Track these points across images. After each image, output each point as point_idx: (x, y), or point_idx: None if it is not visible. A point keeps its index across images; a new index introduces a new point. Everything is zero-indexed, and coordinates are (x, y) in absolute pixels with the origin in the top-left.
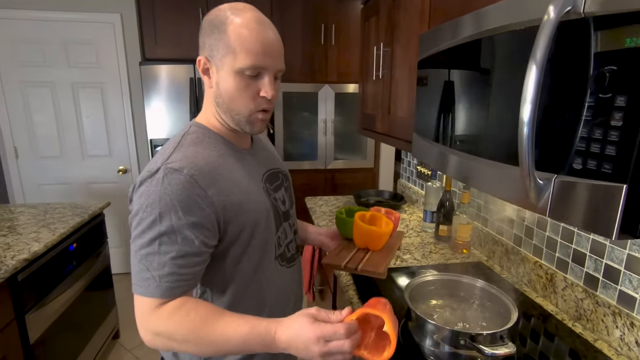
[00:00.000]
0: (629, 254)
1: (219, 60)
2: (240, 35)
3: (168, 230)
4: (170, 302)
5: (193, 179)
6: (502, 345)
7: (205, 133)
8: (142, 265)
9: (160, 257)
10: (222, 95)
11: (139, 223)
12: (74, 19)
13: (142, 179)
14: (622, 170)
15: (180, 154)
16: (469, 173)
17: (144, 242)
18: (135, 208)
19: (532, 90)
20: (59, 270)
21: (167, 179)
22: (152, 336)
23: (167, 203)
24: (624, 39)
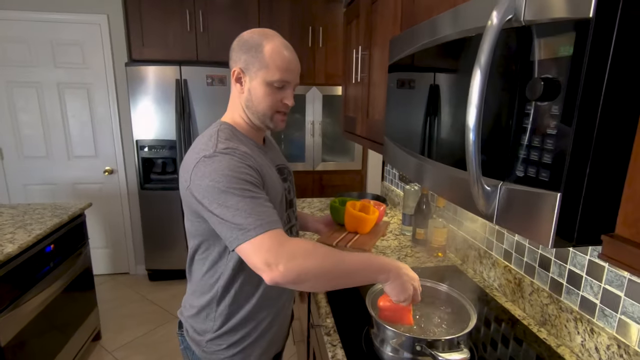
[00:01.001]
0: (590, 260)
1: (253, 73)
2: (273, 55)
3: (249, 185)
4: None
5: (243, 156)
6: (457, 351)
7: (233, 131)
8: (248, 214)
9: (260, 202)
10: (253, 99)
11: (222, 192)
12: (60, 20)
13: (200, 164)
14: (556, 178)
15: (223, 144)
16: (428, 177)
17: (238, 199)
18: (207, 186)
19: (476, 95)
20: (34, 272)
21: (226, 157)
22: (287, 262)
23: (237, 167)
24: (558, 47)
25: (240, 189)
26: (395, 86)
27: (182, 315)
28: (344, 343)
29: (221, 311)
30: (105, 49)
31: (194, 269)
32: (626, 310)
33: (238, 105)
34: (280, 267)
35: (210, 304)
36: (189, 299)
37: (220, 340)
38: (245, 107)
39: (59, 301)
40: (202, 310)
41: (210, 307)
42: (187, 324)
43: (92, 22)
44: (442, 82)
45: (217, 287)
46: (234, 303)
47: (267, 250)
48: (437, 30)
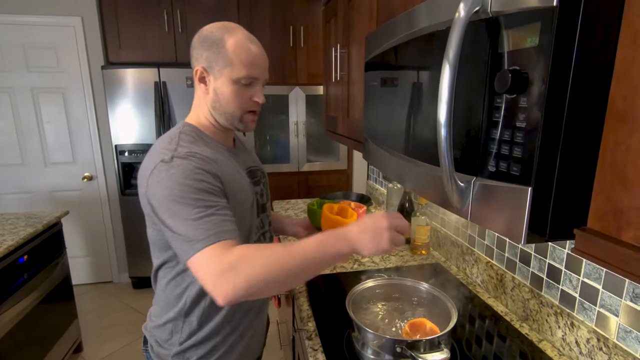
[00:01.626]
0: (568, 254)
1: (217, 71)
2: (237, 50)
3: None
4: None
5: (203, 161)
6: (437, 351)
7: (198, 133)
8: (197, 225)
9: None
10: (220, 100)
11: (175, 201)
12: (32, 23)
13: (157, 170)
14: (527, 173)
15: (184, 148)
16: (406, 175)
17: (189, 209)
18: (162, 194)
19: (446, 90)
20: (7, 284)
21: (184, 162)
22: (234, 278)
23: (194, 175)
24: (526, 38)
25: (193, 198)
26: (373, 84)
27: (147, 329)
28: (324, 347)
29: (189, 323)
30: (81, 51)
31: (159, 278)
32: (604, 303)
33: (204, 106)
34: (228, 286)
35: (178, 316)
36: (154, 310)
37: (186, 355)
38: (212, 108)
39: (36, 313)
40: (168, 322)
41: (177, 320)
42: (151, 339)
43: (66, 25)
44: (417, 79)
45: (185, 299)
46: (202, 315)
47: (213, 269)
48: (411, 23)
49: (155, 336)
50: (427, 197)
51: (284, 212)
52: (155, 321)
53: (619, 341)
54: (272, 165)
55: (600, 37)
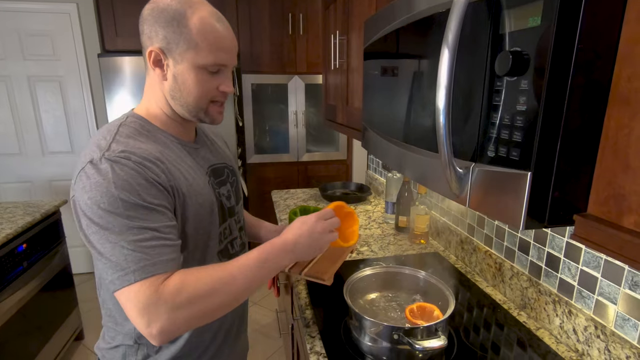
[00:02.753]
0: (568, 242)
1: (178, 55)
2: (203, 31)
3: (141, 211)
4: (172, 275)
5: (142, 165)
6: (434, 338)
7: (143, 125)
8: (129, 252)
9: (151, 235)
10: (181, 88)
11: (102, 217)
12: (27, 9)
13: (83, 172)
14: (526, 157)
15: (119, 145)
16: (404, 163)
17: (121, 229)
18: (85, 204)
19: (445, 75)
20: (5, 272)
21: (116, 166)
22: (170, 314)
23: (128, 183)
24: (527, 18)
25: (125, 215)
26: (372, 71)
27: (99, 349)
28: (322, 334)
29: (144, 348)
30: (77, 39)
31: (102, 293)
32: (603, 291)
33: (159, 94)
34: (162, 321)
35: (129, 338)
36: (106, 329)
37: None
38: (171, 97)
39: (36, 301)
40: (121, 344)
41: (130, 343)
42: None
43: (61, 11)
44: (416, 65)
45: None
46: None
47: (143, 307)
48: (410, 6)
49: (107, 359)
50: (426, 185)
51: (283, 202)
52: (108, 342)
53: (617, 329)
54: (271, 155)
55: (604, 16)
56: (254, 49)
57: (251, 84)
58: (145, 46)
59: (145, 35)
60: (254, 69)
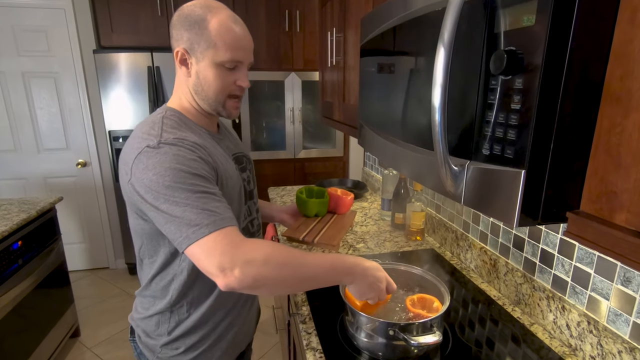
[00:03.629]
0: (561, 238)
1: (199, 54)
2: (221, 32)
3: (200, 179)
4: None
5: (194, 147)
6: (429, 334)
7: (181, 118)
8: (200, 209)
9: (213, 197)
10: (202, 84)
11: (169, 187)
12: (22, 4)
13: (142, 155)
14: (520, 155)
15: (169, 134)
16: (400, 160)
17: (188, 194)
18: (150, 180)
19: (441, 73)
20: (1, 269)
21: (174, 148)
22: (243, 267)
23: (185, 160)
24: (522, 17)
25: (190, 183)
26: (368, 69)
27: (133, 320)
28: (318, 330)
29: (176, 314)
30: (72, 35)
31: (143, 270)
32: (596, 287)
33: (185, 89)
34: (236, 272)
35: (165, 307)
36: (140, 301)
37: (176, 344)
38: (194, 92)
39: (32, 298)
40: (155, 314)
41: (164, 312)
42: (138, 329)
43: (56, 7)
44: (412, 62)
45: (171, 291)
46: (189, 305)
47: (221, 253)
48: (407, 4)
49: (142, 327)
50: (422, 182)
51: (280, 198)
52: (142, 313)
53: (609, 324)
54: (268, 152)
55: (598, 16)
56: None
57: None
58: (173, 47)
59: (174, 38)
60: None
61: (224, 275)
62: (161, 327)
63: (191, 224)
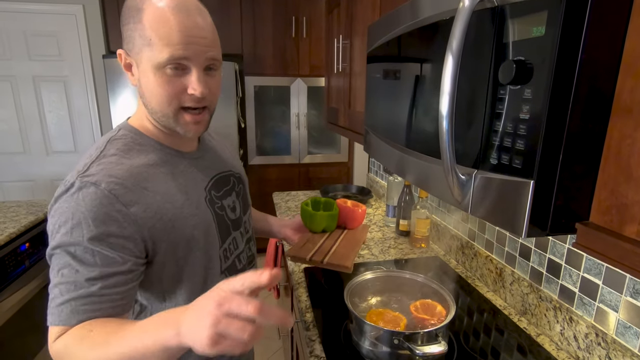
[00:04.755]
0: (569, 248)
1: (136, 55)
2: (154, 23)
3: (78, 250)
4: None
5: (112, 193)
6: (434, 343)
7: (135, 139)
8: (57, 290)
9: (77, 277)
10: (145, 93)
11: (53, 240)
12: (34, 10)
13: (57, 194)
14: (529, 166)
15: (99, 165)
16: (406, 167)
17: (67, 260)
18: (49, 228)
19: (449, 82)
20: (8, 271)
21: (81, 193)
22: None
23: (80, 220)
24: (531, 27)
25: (72, 255)
26: (374, 75)
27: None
28: (322, 338)
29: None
30: (82, 40)
31: None
32: (604, 298)
33: (140, 101)
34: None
35: None
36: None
37: None
38: (143, 104)
39: (38, 300)
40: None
41: None
42: None
43: (67, 13)
44: (419, 70)
45: None
46: None
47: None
48: (414, 13)
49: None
50: (428, 190)
51: (284, 203)
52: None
53: (618, 336)
54: (273, 156)
55: (609, 28)
56: (257, 52)
57: (254, 85)
58: None
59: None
60: (256, 71)
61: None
62: None
63: (51, 301)
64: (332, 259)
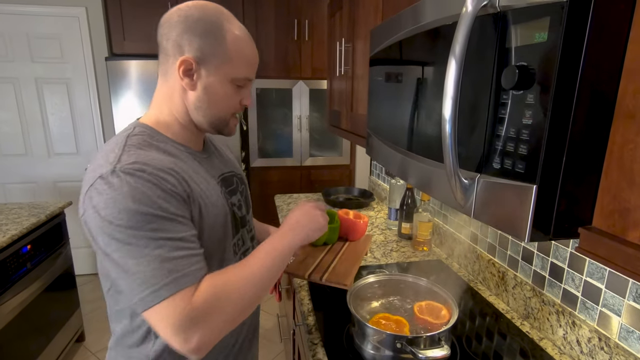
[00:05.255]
0: (572, 252)
1: (213, 67)
2: (239, 46)
3: (161, 222)
4: (200, 284)
5: (157, 176)
6: (437, 347)
7: (152, 136)
8: (157, 265)
9: (176, 245)
10: (209, 100)
11: (122, 232)
12: (36, 13)
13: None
14: (532, 170)
15: (130, 156)
16: (408, 170)
17: (145, 243)
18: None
19: (452, 86)
20: (10, 273)
21: (130, 178)
22: (207, 324)
23: (144, 196)
24: (534, 33)
25: (148, 228)
26: (377, 79)
27: None
28: (325, 341)
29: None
30: (85, 42)
31: (112, 319)
32: (607, 302)
33: (178, 102)
34: (195, 340)
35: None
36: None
37: None
38: (194, 107)
39: (39, 302)
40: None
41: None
42: None
43: (70, 15)
44: (422, 74)
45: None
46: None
47: (179, 320)
48: (417, 18)
49: None
50: (430, 194)
51: (286, 206)
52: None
53: (621, 341)
54: (275, 159)
55: (611, 33)
56: (259, 54)
57: (256, 88)
58: (170, 53)
59: (172, 41)
60: (259, 74)
61: (183, 343)
62: None
63: (147, 284)
64: (331, 277)
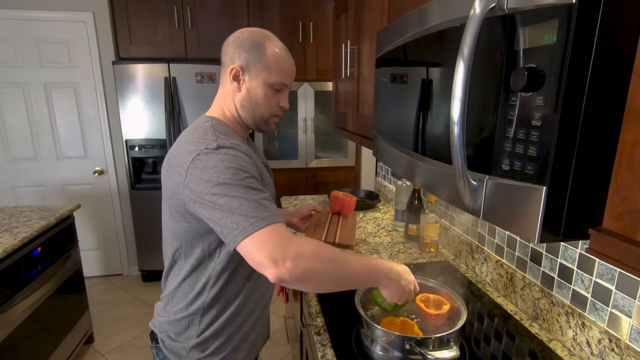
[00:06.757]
0: (581, 253)
1: (254, 73)
2: (276, 58)
3: (254, 181)
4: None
5: (247, 154)
6: (446, 349)
7: (225, 127)
8: (256, 204)
9: (265, 196)
10: (251, 100)
11: (227, 182)
12: (45, 18)
13: (202, 155)
14: (542, 172)
15: (224, 140)
16: (415, 172)
17: (245, 190)
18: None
19: (460, 87)
20: (21, 275)
21: (231, 151)
22: (294, 260)
23: (242, 163)
24: (542, 35)
25: (247, 181)
26: (383, 81)
27: (156, 325)
28: (333, 342)
29: (208, 315)
30: (92, 47)
31: (173, 273)
32: (617, 303)
33: (230, 102)
34: (288, 264)
35: (197, 309)
36: (164, 306)
37: (205, 345)
38: (240, 106)
39: (49, 304)
40: (186, 316)
41: (196, 313)
42: (163, 334)
43: (78, 20)
44: (430, 76)
45: (206, 292)
46: (221, 306)
47: (274, 246)
48: (423, 20)
49: (167, 331)
50: (438, 195)
51: (292, 208)
52: (169, 316)
53: (632, 342)
54: (281, 161)
55: (620, 35)
56: None
57: None
58: (226, 64)
59: (228, 56)
60: None
61: (276, 267)
62: (191, 329)
63: (249, 216)
64: (341, 239)
